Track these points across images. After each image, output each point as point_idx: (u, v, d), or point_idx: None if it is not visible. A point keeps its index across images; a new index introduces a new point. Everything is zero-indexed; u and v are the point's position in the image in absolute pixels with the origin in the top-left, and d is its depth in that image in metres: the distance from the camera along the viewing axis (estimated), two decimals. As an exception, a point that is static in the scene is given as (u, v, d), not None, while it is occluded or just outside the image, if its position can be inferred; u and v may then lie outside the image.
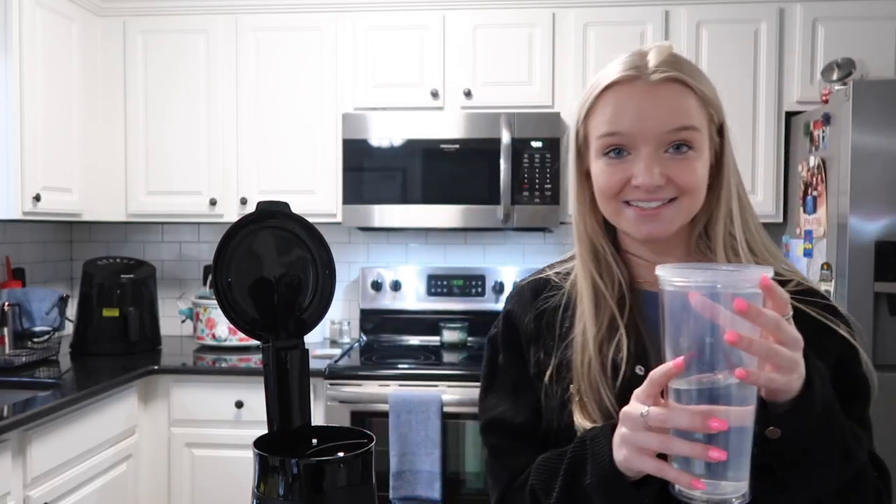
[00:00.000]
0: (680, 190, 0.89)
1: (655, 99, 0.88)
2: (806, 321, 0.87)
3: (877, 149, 2.35)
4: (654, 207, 0.89)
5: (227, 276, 0.85)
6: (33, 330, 2.73)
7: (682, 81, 0.89)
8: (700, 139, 0.89)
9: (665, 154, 0.88)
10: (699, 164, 0.89)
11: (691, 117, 0.88)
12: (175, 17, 2.99)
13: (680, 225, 0.92)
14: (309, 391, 0.88)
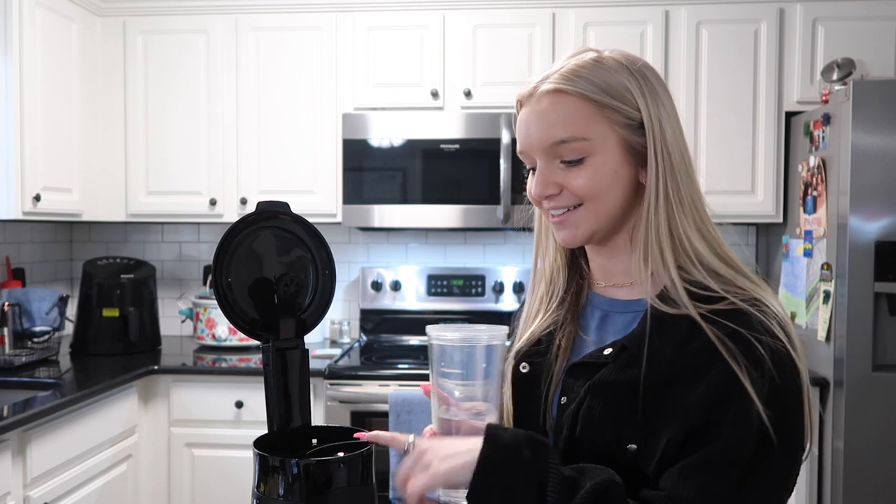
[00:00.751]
0: (577, 196, 0.91)
1: (537, 115, 0.91)
2: (698, 345, 0.84)
3: (877, 149, 2.35)
4: (560, 215, 0.93)
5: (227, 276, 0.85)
6: (33, 330, 2.73)
7: (563, 91, 0.89)
8: (590, 146, 0.88)
9: (561, 164, 0.91)
10: (597, 170, 0.89)
11: (571, 128, 0.88)
12: (175, 17, 2.99)
13: (592, 230, 0.93)
14: (309, 391, 0.88)
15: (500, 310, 3.16)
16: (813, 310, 2.61)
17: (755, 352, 0.82)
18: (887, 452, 2.38)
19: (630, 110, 0.88)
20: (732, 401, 0.81)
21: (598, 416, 0.87)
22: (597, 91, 0.88)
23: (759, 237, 3.20)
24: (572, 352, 0.97)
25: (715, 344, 0.83)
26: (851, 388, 2.39)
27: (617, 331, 0.94)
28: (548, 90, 0.90)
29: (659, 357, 0.86)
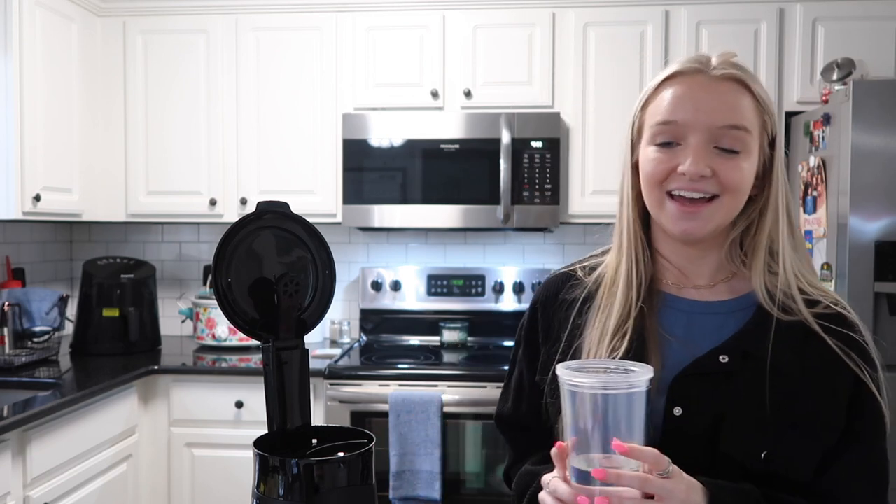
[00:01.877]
0: (722, 186, 0.90)
1: (713, 93, 0.90)
2: (819, 352, 0.89)
3: (877, 149, 2.35)
4: (695, 202, 0.91)
5: (227, 276, 0.85)
6: (33, 330, 2.73)
7: (742, 82, 0.92)
8: (750, 141, 0.90)
9: (714, 150, 0.90)
10: (746, 165, 0.91)
11: (745, 117, 0.90)
12: (175, 17, 2.99)
13: (717, 225, 0.93)
14: (309, 391, 0.88)
15: (500, 310, 3.16)
16: (813, 310, 2.60)
17: (867, 353, 0.90)
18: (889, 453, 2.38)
19: (774, 124, 0.94)
20: (864, 403, 0.89)
21: (739, 431, 0.87)
22: (765, 96, 0.93)
23: (759, 237, 3.20)
24: (664, 357, 0.94)
25: (834, 350, 0.88)
26: (851, 388, 2.39)
27: (708, 334, 0.93)
28: (730, 75, 0.92)
29: (782, 364, 0.88)
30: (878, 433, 0.90)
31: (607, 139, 2.85)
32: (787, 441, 0.87)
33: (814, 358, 0.88)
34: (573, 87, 2.87)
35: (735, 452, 0.87)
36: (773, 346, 0.88)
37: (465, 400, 2.53)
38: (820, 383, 0.88)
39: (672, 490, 0.78)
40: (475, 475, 2.57)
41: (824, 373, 0.88)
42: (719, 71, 0.91)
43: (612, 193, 1.00)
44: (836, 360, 0.88)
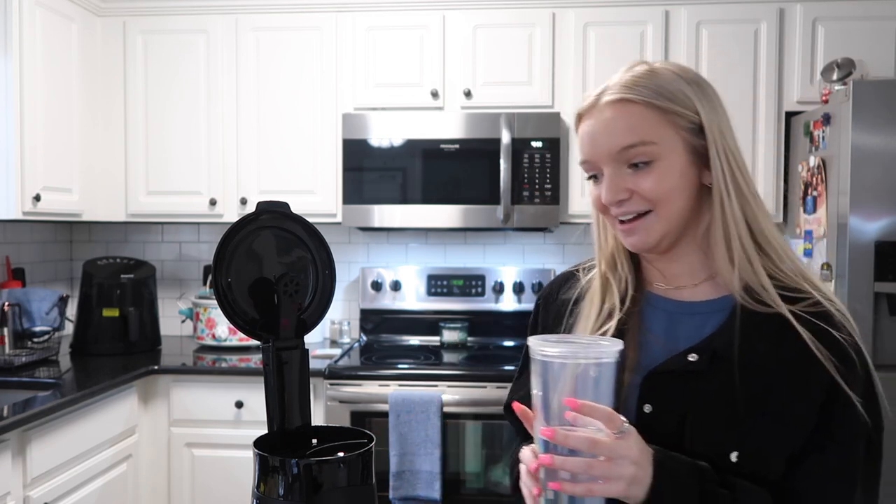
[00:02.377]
0: (647, 201, 0.92)
1: (603, 123, 0.94)
2: (794, 345, 0.88)
3: (877, 149, 2.35)
4: (630, 220, 0.94)
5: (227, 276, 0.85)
6: (33, 330, 2.73)
7: (628, 101, 0.92)
8: (657, 150, 0.91)
9: (628, 170, 0.92)
10: (664, 173, 0.91)
11: (639, 133, 0.91)
12: (175, 17, 2.99)
13: (663, 234, 0.94)
14: (309, 391, 0.88)
15: (500, 310, 3.16)
16: (813, 310, 2.60)
17: (846, 352, 0.87)
18: (887, 452, 2.37)
19: (691, 114, 0.92)
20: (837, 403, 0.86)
21: (705, 430, 0.88)
22: (658, 97, 0.92)
23: (759, 237, 3.20)
24: (641, 354, 0.96)
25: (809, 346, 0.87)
26: (851, 388, 2.38)
27: (688, 334, 0.94)
28: (612, 100, 0.94)
29: (753, 359, 0.88)
30: (851, 434, 0.88)
31: (607, 139, 2.85)
32: (756, 438, 0.86)
33: (788, 351, 0.88)
34: (573, 87, 2.87)
35: (702, 451, 0.87)
36: (746, 339, 0.89)
37: (465, 400, 2.53)
38: (793, 377, 0.87)
39: (622, 452, 0.78)
40: (475, 475, 2.57)
41: (798, 366, 0.87)
42: (606, 98, 0.94)
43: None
44: (812, 355, 0.87)
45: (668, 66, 0.96)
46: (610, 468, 0.77)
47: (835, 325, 0.89)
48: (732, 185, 0.92)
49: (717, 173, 0.92)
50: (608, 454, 0.78)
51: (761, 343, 0.88)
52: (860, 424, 0.87)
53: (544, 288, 1.17)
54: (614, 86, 0.95)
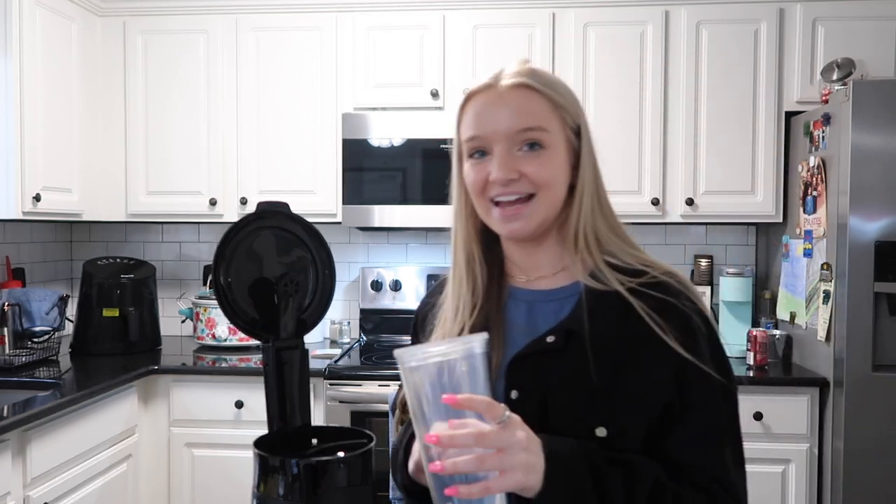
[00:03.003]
0: (534, 184, 0.95)
1: (505, 103, 0.97)
2: (637, 322, 0.91)
3: (877, 149, 2.35)
4: (514, 204, 0.96)
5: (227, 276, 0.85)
6: (33, 330, 2.73)
7: (530, 87, 0.97)
8: (549, 139, 0.95)
9: (519, 152, 0.95)
10: (551, 161, 0.95)
11: (538, 118, 0.95)
12: (175, 17, 2.99)
13: (541, 221, 0.97)
14: (309, 391, 0.88)
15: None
16: (813, 310, 2.61)
17: (688, 318, 0.92)
18: (887, 452, 2.38)
19: (574, 115, 0.99)
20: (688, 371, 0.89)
21: (566, 407, 0.89)
22: (555, 92, 0.98)
23: (759, 237, 3.20)
24: (506, 345, 0.98)
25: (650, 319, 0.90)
26: (851, 388, 2.39)
27: (547, 319, 0.97)
28: (516, 83, 0.98)
29: (602, 336, 0.91)
30: (709, 396, 0.91)
31: (607, 139, 2.85)
32: (617, 412, 0.88)
33: (633, 326, 0.91)
34: (573, 87, 2.85)
35: (566, 429, 0.87)
36: (593, 318, 0.92)
37: (465, 400, 2.53)
38: (641, 350, 0.90)
39: (511, 440, 0.77)
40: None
41: (643, 342, 0.90)
42: (507, 81, 0.98)
43: (611, 193, 1.02)
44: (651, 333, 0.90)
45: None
46: (502, 459, 0.76)
47: (673, 294, 0.93)
48: (590, 188, 0.97)
49: (583, 175, 0.97)
50: (497, 444, 0.76)
51: (608, 320, 0.92)
52: (715, 385, 0.90)
53: (422, 298, 1.18)
54: (514, 72, 0.99)
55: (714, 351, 0.93)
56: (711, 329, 0.94)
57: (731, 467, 0.91)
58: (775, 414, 2.52)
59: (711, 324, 0.95)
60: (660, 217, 2.86)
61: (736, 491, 0.91)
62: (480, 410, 0.77)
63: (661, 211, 2.85)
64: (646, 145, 2.85)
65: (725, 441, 0.92)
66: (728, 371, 0.94)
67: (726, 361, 0.94)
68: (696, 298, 0.95)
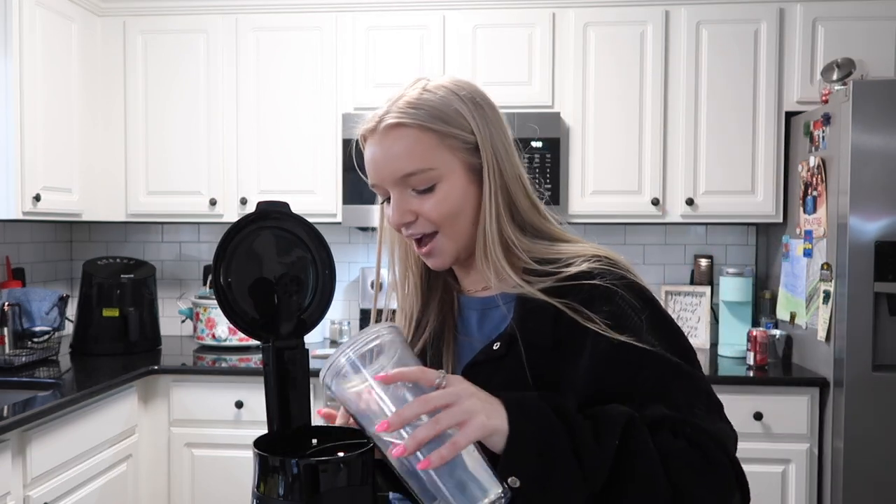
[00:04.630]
0: (432, 223, 0.95)
1: (386, 148, 0.94)
2: (569, 322, 0.90)
3: (877, 149, 2.35)
4: (422, 241, 0.97)
5: (227, 276, 0.85)
6: (33, 330, 2.73)
7: (405, 125, 0.93)
8: (438, 174, 0.93)
9: (412, 193, 0.94)
10: (446, 197, 0.94)
11: (419, 160, 0.92)
12: (175, 17, 2.99)
13: (454, 253, 0.97)
14: (309, 391, 0.88)
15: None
16: (813, 310, 2.61)
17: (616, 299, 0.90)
18: (887, 452, 2.38)
19: (465, 134, 0.94)
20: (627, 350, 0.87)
21: None
22: (433, 120, 0.93)
23: (759, 237, 3.20)
24: (460, 356, 1.00)
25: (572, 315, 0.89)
26: (851, 388, 2.39)
27: (496, 325, 0.98)
28: (389, 125, 0.94)
29: (536, 339, 0.91)
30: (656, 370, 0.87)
31: (607, 139, 2.85)
32: None
33: (565, 327, 0.90)
34: (573, 87, 2.87)
35: None
36: (526, 327, 0.92)
37: (465, 400, 2.53)
38: (577, 349, 0.89)
39: (456, 391, 0.77)
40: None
41: (579, 336, 0.89)
42: (385, 122, 0.94)
43: (612, 193, 1.04)
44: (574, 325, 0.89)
45: (445, 84, 0.97)
46: (455, 411, 0.75)
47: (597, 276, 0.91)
48: (495, 204, 0.95)
49: (486, 192, 0.95)
50: (444, 401, 0.76)
51: (541, 325, 0.92)
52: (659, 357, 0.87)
53: None
54: (392, 108, 0.95)
55: (653, 320, 0.91)
56: (647, 300, 0.92)
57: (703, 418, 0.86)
58: (775, 414, 2.52)
59: (647, 295, 0.93)
60: (660, 217, 2.86)
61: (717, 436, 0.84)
62: (414, 379, 0.78)
63: (661, 211, 2.85)
64: (646, 145, 2.85)
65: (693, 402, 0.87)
66: (672, 335, 0.92)
67: (667, 327, 0.92)
68: (625, 274, 0.93)
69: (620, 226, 3.16)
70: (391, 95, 0.97)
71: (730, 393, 2.53)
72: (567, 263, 0.94)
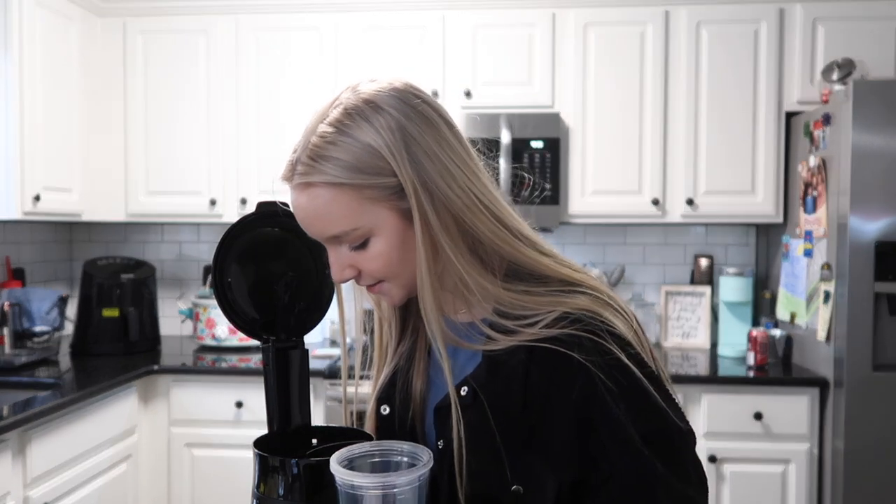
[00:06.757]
0: (374, 277, 0.86)
1: (301, 208, 0.85)
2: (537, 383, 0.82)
3: (877, 149, 2.35)
4: (372, 289, 0.88)
5: (227, 276, 0.85)
6: (33, 330, 2.73)
7: (314, 185, 0.82)
8: (364, 231, 0.83)
9: (347, 248, 0.85)
10: (379, 251, 0.84)
11: (338, 222, 0.82)
12: (175, 17, 2.99)
13: (405, 294, 0.88)
14: (309, 391, 0.88)
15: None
16: (813, 310, 2.61)
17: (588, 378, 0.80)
18: (887, 453, 2.38)
19: (386, 179, 0.81)
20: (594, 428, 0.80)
21: (479, 461, 0.83)
22: (346, 174, 0.81)
23: (759, 237, 3.20)
24: (431, 385, 0.93)
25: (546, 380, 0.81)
26: (851, 388, 2.39)
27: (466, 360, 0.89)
28: (300, 184, 0.84)
29: (503, 394, 0.83)
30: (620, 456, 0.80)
31: (607, 139, 2.85)
32: (530, 473, 0.82)
33: (534, 387, 0.82)
34: (573, 87, 2.86)
35: (483, 482, 0.83)
36: (494, 380, 0.84)
37: (465, 400, 2.53)
38: (544, 412, 0.82)
39: None
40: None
41: (545, 400, 0.82)
42: (295, 181, 0.85)
43: (612, 193, 1.01)
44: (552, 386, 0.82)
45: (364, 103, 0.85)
46: None
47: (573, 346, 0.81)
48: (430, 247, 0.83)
49: (418, 236, 0.82)
50: None
51: (509, 379, 0.84)
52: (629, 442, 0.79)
53: None
54: (303, 157, 0.84)
55: (634, 402, 0.80)
56: (630, 378, 0.80)
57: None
58: (775, 414, 2.52)
59: (630, 373, 0.80)
60: (660, 217, 2.86)
61: None
62: None
63: (661, 211, 2.85)
64: (646, 145, 2.85)
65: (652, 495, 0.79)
66: (658, 419, 0.81)
67: (653, 410, 0.81)
68: (607, 345, 0.81)
69: (620, 226, 3.16)
70: (305, 126, 0.87)
71: (730, 393, 2.54)
72: (536, 320, 0.83)
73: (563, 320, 0.82)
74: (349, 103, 0.86)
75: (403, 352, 0.98)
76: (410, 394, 0.95)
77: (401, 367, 0.98)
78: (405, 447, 0.80)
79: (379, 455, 0.79)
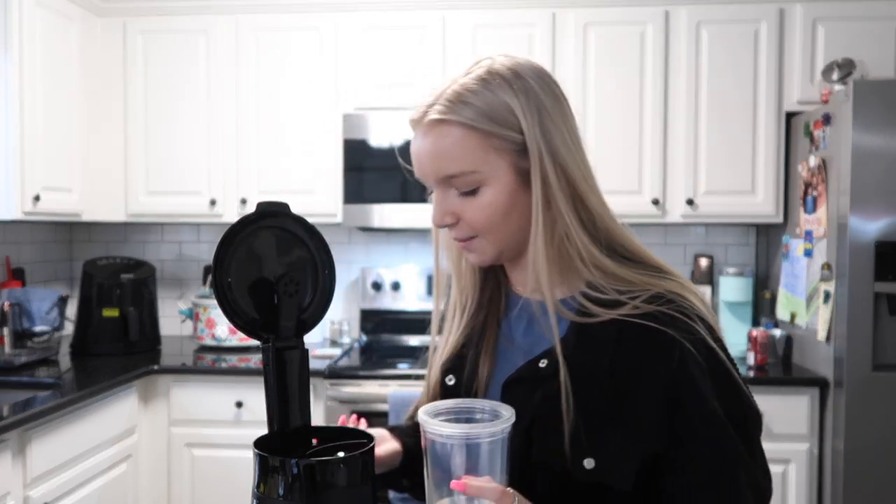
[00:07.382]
0: (472, 229, 0.90)
1: (426, 146, 0.91)
2: (627, 354, 0.85)
3: (877, 149, 2.35)
4: (464, 241, 0.92)
5: (227, 276, 0.85)
6: (33, 330, 2.73)
7: (449, 122, 0.87)
8: (481, 177, 0.87)
9: (455, 193, 0.89)
10: (487, 202, 0.88)
11: (462, 162, 0.87)
12: (175, 17, 2.99)
13: (495, 254, 0.92)
14: (309, 391, 0.88)
15: (500, 310, 3.15)
16: (813, 310, 2.61)
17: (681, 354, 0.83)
18: (887, 453, 2.38)
19: (514, 134, 0.87)
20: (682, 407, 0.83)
21: (551, 435, 0.85)
22: (480, 119, 0.86)
23: (759, 237, 3.20)
24: (498, 361, 0.95)
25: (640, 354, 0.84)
26: (851, 388, 2.39)
27: (543, 334, 0.91)
28: (433, 120, 0.88)
29: (591, 364, 0.86)
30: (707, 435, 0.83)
31: (607, 139, 2.85)
32: (606, 445, 0.83)
33: (623, 360, 0.85)
34: (573, 87, 2.86)
35: (550, 459, 0.85)
36: (582, 349, 0.86)
37: (465, 400, 2.53)
38: (630, 385, 0.84)
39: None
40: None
41: (634, 374, 0.84)
42: (427, 118, 0.89)
43: (612, 193, 1.00)
44: (644, 362, 0.84)
45: (502, 70, 0.88)
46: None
47: (666, 323, 0.84)
48: (545, 212, 0.87)
49: (535, 199, 0.86)
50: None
51: (597, 350, 0.86)
52: (714, 421, 0.83)
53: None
54: (438, 101, 0.88)
55: (718, 382, 0.84)
56: (715, 359, 0.85)
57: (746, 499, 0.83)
58: (775, 414, 2.52)
59: (715, 354, 0.85)
60: (660, 217, 2.86)
61: None
62: (488, 497, 0.76)
63: (661, 211, 2.85)
64: (646, 145, 2.85)
65: (735, 474, 0.83)
66: (738, 402, 0.85)
67: (734, 391, 0.85)
68: (696, 326, 0.85)
69: (620, 226, 3.16)
70: (451, 76, 0.90)
71: (730, 393, 2.54)
72: (634, 296, 0.86)
73: (658, 299, 0.86)
74: (493, 66, 0.90)
75: (476, 324, 0.99)
76: (477, 366, 0.96)
77: (471, 339, 0.99)
78: (486, 405, 0.84)
79: (464, 412, 0.84)
